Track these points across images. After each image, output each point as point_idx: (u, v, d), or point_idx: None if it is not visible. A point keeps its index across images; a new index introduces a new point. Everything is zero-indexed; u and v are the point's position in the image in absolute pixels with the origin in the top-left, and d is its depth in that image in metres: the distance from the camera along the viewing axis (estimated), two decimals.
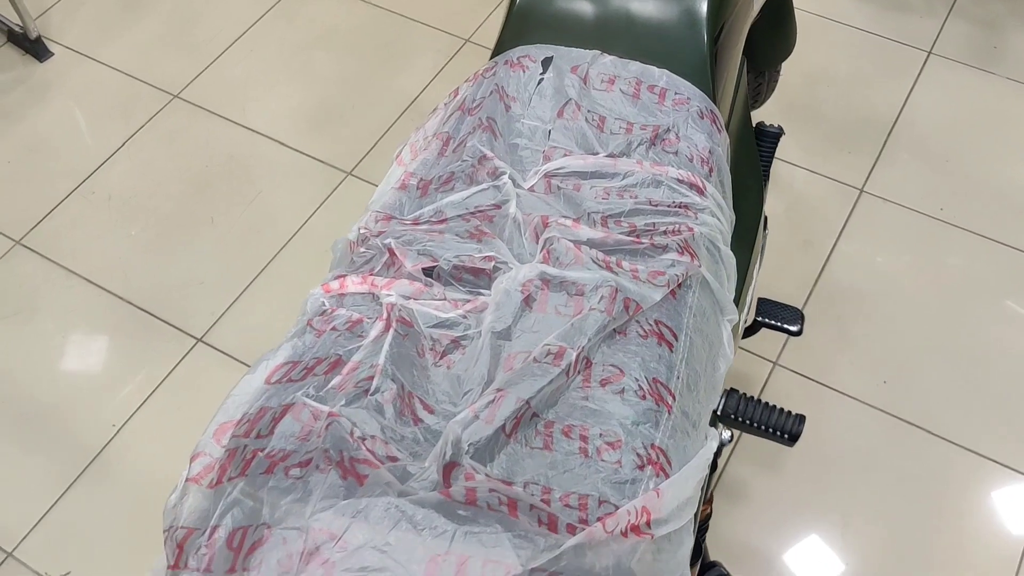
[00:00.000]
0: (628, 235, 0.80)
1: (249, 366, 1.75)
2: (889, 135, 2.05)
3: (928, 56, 2.17)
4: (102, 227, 1.93)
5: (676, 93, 0.92)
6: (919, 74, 2.15)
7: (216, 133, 2.08)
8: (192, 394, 1.71)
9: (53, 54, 2.21)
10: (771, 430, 1.28)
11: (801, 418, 1.27)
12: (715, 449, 0.71)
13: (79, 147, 2.06)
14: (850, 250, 1.88)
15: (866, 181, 1.98)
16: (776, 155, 1.39)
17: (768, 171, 1.22)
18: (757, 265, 1.05)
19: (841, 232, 1.91)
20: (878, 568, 1.51)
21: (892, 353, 1.73)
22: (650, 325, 0.74)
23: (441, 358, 0.72)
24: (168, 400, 1.71)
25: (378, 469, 0.62)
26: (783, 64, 1.68)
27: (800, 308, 1.41)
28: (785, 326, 1.37)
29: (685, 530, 0.65)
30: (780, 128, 1.26)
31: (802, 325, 1.38)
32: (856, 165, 2.00)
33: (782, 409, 1.29)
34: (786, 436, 1.28)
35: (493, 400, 0.67)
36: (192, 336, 1.78)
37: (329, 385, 0.69)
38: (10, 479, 1.62)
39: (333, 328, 0.75)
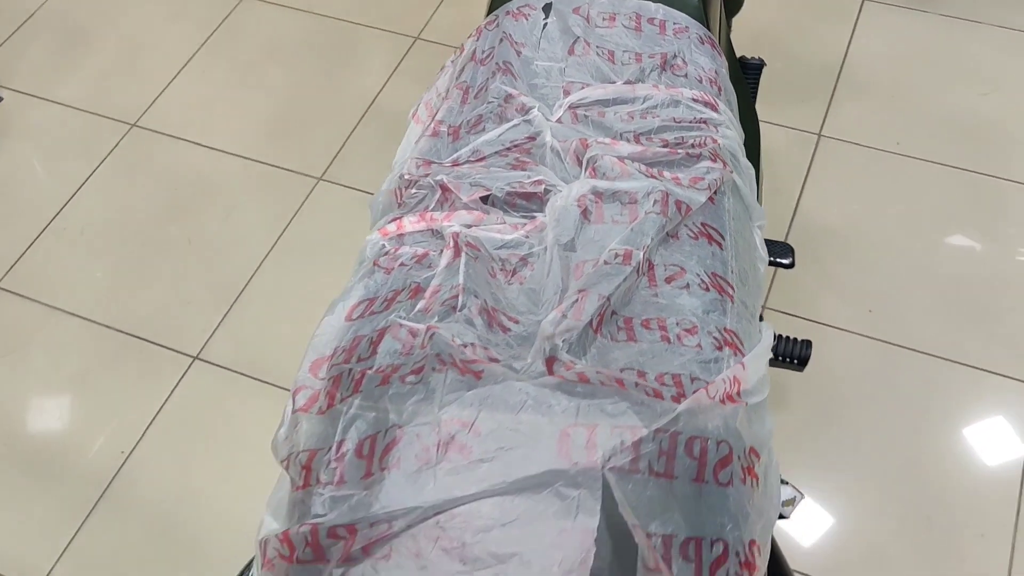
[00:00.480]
0: (663, 148, 0.83)
1: (250, 376, 1.75)
2: (837, 80, 2.12)
3: (863, 3, 2.25)
4: (79, 261, 1.91)
5: (674, 23, 0.95)
6: (856, 20, 2.22)
7: (180, 156, 2.08)
8: (196, 410, 1.71)
9: (2, 99, 2.19)
10: (781, 357, 1.32)
11: (808, 343, 1.31)
12: (773, 337, 0.74)
13: (43, 186, 2.04)
14: (817, 192, 1.94)
15: (822, 126, 2.05)
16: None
17: (755, 101, 1.27)
18: (763, 180, 1.10)
19: (806, 177, 1.97)
20: (894, 489, 1.56)
21: (873, 283, 1.80)
22: (698, 227, 0.78)
23: (512, 276, 0.75)
24: (173, 419, 1.70)
25: (490, 365, 0.64)
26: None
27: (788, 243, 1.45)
28: (778, 260, 1.41)
29: (765, 407, 0.69)
30: (761, 60, 1.30)
31: (793, 258, 1.42)
32: (810, 112, 2.07)
33: (788, 336, 1.33)
34: (796, 361, 1.33)
35: (577, 300, 0.69)
36: (188, 355, 1.77)
37: (416, 309, 0.71)
38: (27, 517, 1.59)
39: (401, 264, 0.77)
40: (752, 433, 0.65)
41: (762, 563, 0.64)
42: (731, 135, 0.87)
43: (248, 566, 0.76)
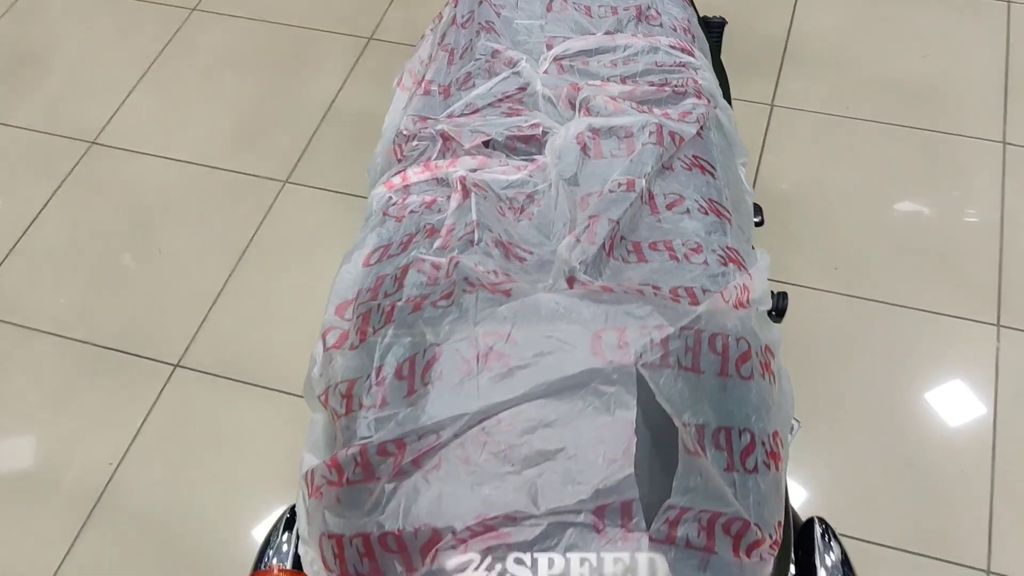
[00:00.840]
0: (650, 87, 0.87)
1: (234, 379, 1.75)
2: (784, 52, 2.18)
3: None
4: (50, 280, 1.90)
5: None
6: None
7: (143, 170, 2.07)
8: (182, 417, 1.71)
9: None
10: None
11: (784, 295, 1.36)
12: (768, 260, 0.78)
13: (6, 209, 2.02)
14: (776, 160, 2.00)
15: (774, 96, 2.10)
16: None
17: (719, 59, 1.32)
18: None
19: (763, 145, 2.02)
20: (874, 436, 1.61)
21: (836, 242, 1.85)
22: (690, 159, 0.81)
23: (521, 213, 0.77)
24: (159, 427, 1.69)
25: (518, 284, 0.66)
26: None
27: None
28: None
29: (768, 318, 0.72)
30: (723, 19, 1.35)
31: (762, 216, 1.47)
32: (762, 84, 2.13)
33: None
34: (774, 312, 1.37)
35: (588, 225, 0.72)
36: (168, 364, 1.77)
37: (434, 247, 0.73)
38: (19, 537, 1.58)
39: (411, 211, 0.79)
40: (765, 334, 0.69)
41: (784, 455, 0.68)
42: (709, 77, 0.91)
43: (278, 525, 0.77)
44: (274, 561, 0.73)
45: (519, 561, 0.59)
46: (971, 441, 1.59)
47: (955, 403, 1.64)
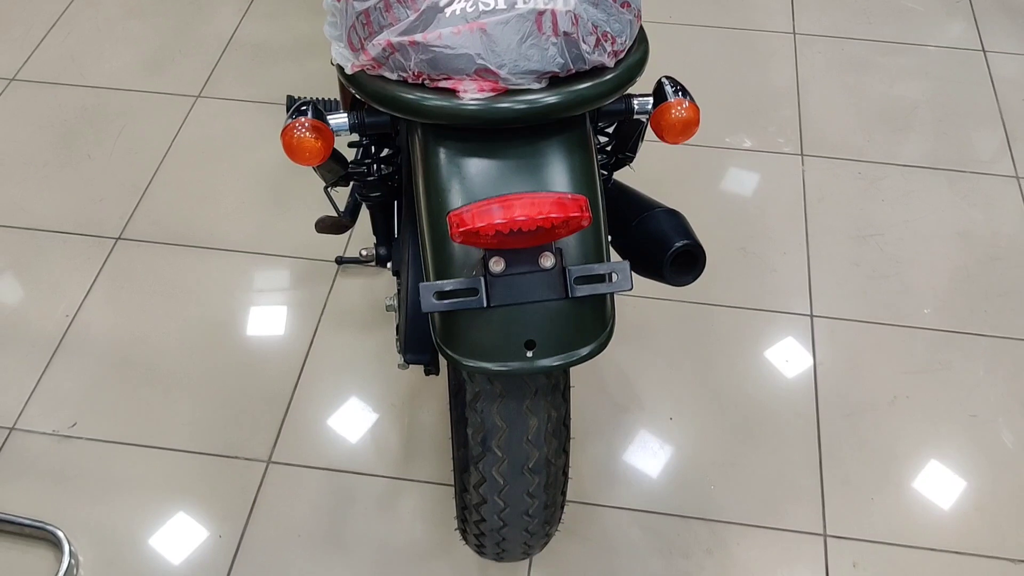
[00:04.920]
0: None
1: (176, 244, 1.98)
2: None
3: None
4: None
5: None
6: None
7: (63, 97, 2.30)
8: (130, 276, 1.93)
9: None
10: None
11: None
12: None
13: None
14: None
15: None
16: None
17: None
18: None
19: None
20: (713, 234, 1.99)
21: None
22: None
23: None
24: (110, 285, 1.92)
25: None
26: None
27: None
28: None
29: None
30: None
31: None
32: None
33: None
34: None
35: None
36: (110, 237, 2.00)
37: None
38: None
39: None
40: None
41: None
42: None
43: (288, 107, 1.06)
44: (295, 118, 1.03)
45: None
46: (787, 231, 2.01)
47: (771, 205, 2.05)
